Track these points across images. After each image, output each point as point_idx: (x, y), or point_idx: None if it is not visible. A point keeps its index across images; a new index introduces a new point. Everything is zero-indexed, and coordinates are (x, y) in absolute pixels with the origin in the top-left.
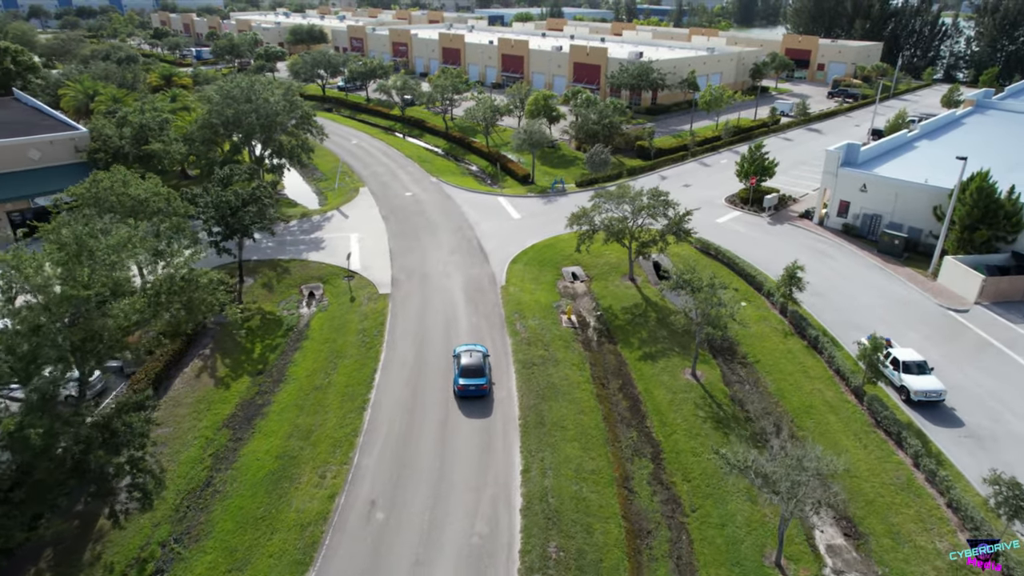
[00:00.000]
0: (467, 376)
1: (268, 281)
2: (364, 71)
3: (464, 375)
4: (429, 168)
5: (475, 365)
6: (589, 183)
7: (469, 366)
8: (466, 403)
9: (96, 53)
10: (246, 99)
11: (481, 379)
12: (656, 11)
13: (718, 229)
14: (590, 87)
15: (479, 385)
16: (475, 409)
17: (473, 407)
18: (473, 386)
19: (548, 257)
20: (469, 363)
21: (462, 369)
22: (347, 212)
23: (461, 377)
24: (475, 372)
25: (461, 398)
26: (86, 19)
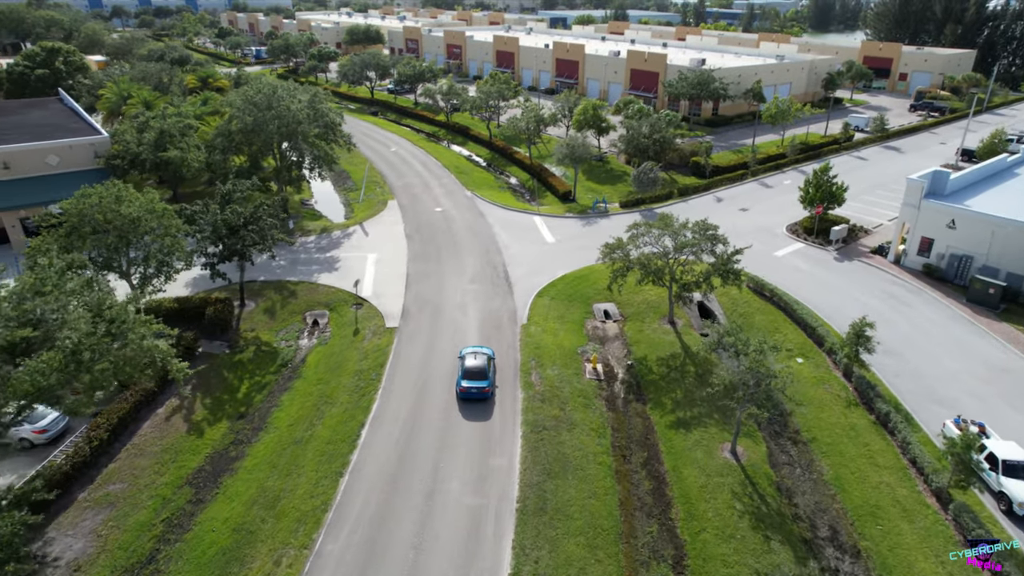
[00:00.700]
0: (470, 378)
1: (271, 306)
2: (412, 74)
3: (467, 377)
4: (465, 180)
5: (478, 368)
6: (635, 203)
7: (472, 368)
8: (461, 455)
9: (152, 53)
10: (267, 106)
11: (483, 382)
12: (725, 15)
13: (776, 264)
14: (647, 95)
15: (481, 388)
16: (468, 483)
17: (468, 480)
18: (475, 389)
19: (579, 290)
20: (472, 365)
21: (465, 371)
22: (370, 228)
23: (464, 379)
24: (478, 375)
25: (463, 400)
26: (162, 18)
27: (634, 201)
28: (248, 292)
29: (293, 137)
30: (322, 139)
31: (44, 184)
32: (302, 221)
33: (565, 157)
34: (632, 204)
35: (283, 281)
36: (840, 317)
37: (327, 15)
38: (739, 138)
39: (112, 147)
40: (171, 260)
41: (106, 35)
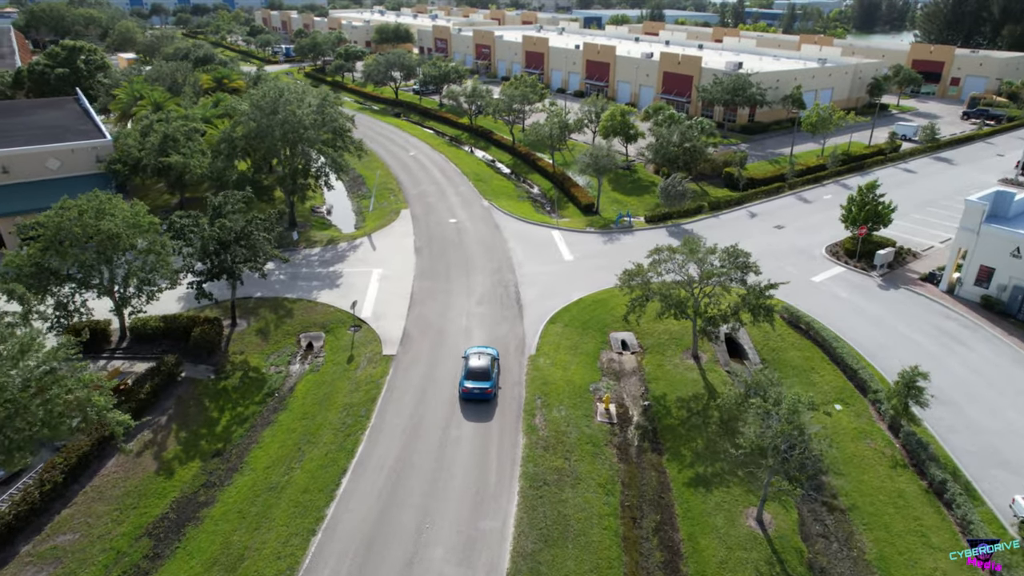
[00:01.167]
0: (472, 379)
1: (265, 326)
2: (437, 75)
3: (469, 378)
4: (484, 189)
5: (481, 368)
6: (661, 218)
7: (475, 369)
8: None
9: (178, 51)
10: (272, 111)
11: (486, 383)
12: (765, 15)
13: (813, 291)
14: (680, 100)
15: (483, 389)
16: (454, 550)
17: (453, 546)
18: (478, 389)
19: (596, 317)
20: (476, 366)
21: (468, 371)
22: (378, 240)
23: (466, 380)
24: (481, 375)
25: (465, 400)
26: (199, 16)
27: (661, 216)
28: (242, 310)
29: (299, 144)
30: (330, 145)
31: (43, 189)
32: (309, 231)
33: (588, 167)
34: (659, 219)
35: (280, 298)
36: (885, 356)
37: (359, 13)
38: (776, 147)
39: (111, 153)
40: (153, 279)
41: (139, 33)
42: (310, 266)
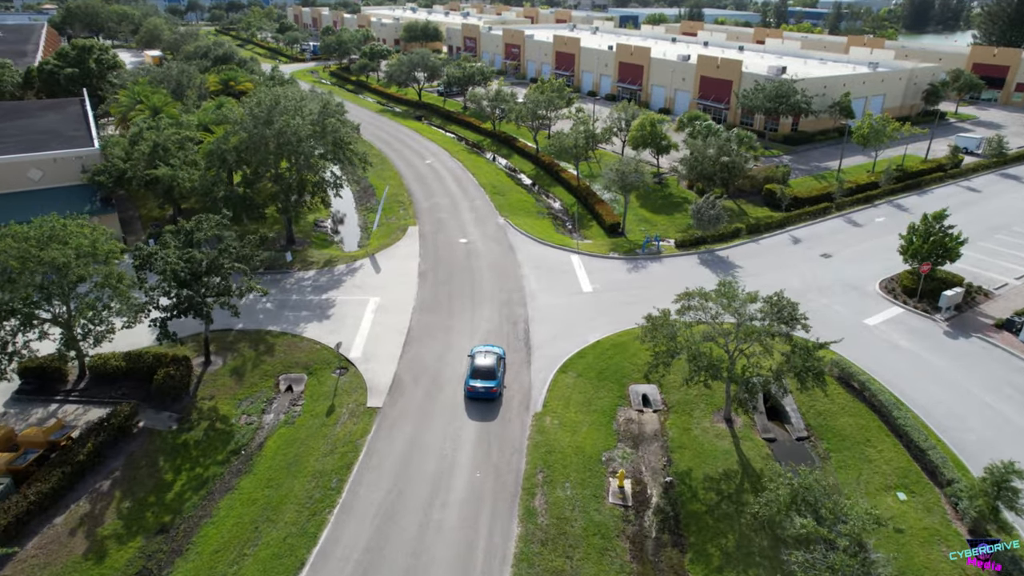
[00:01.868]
0: (477, 378)
1: (242, 365)
2: (462, 76)
3: (475, 376)
4: (501, 203)
5: (487, 367)
6: (694, 243)
7: (481, 367)
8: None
9: (198, 49)
10: (266, 120)
11: (492, 382)
12: (809, 14)
13: (867, 338)
14: (718, 106)
15: (489, 388)
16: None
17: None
18: (483, 388)
19: (614, 364)
20: (482, 364)
21: (473, 370)
22: (381, 261)
23: (472, 379)
24: (487, 374)
25: (470, 399)
26: (233, 12)
27: (693, 240)
28: (219, 344)
29: (294, 157)
30: (326, 159)
31: (22, 201)
32: (307, 249)
33: (613, 183)
34: (691, 244)
35: (263, 331)
36: (959, 429)
37: (391, 10)
38: (822, 160)
39: (95, 164)
40: (105, 316)
41: (166, 30)
42: (301, 292)
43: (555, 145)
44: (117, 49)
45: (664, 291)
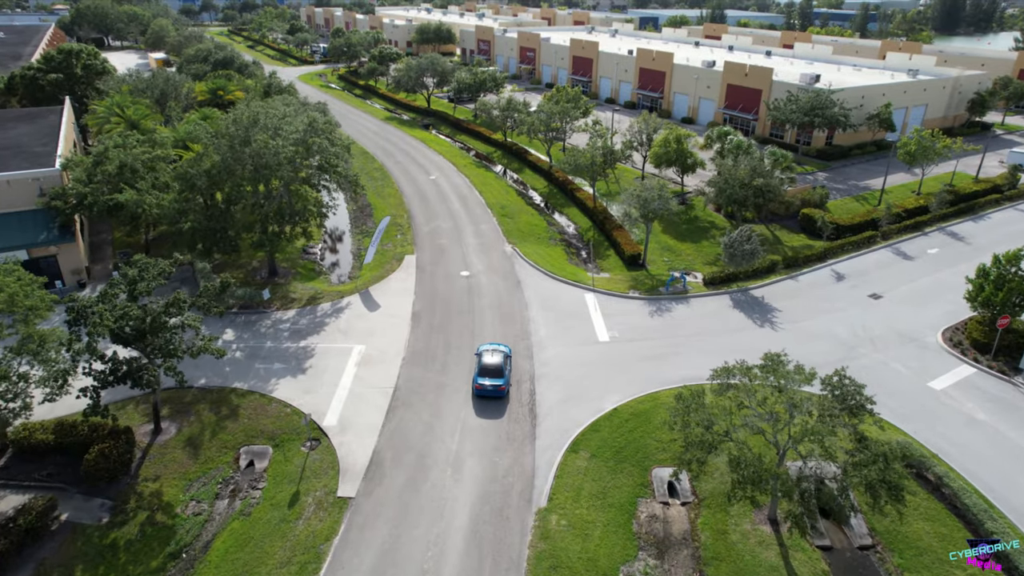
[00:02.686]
0: (485, 375)
1: (198, 433)
2: (472, 83)
3: (483, 374)
4: (509, 227)
5: (495, 365)
6: (724, 280)
7: (488, 366)
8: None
9: (199, 53)
10: (243, 140)
11: (500, 380)
12: (836, 16)
13: (934, 407)
14: (746, 116)
15: (497, 386)
16: None
17: None
18: (491, 386)
19: (634, 441)
20: (489, 363)
21: (481, 368)
22: (371, 299)
23: (480, 376)
24: (495, 372)
25: (479, 397)
26: (247, 13)
27: (724, 277)
28: (174, 406)
29: (272, 182)
30: (310, 184)
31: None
32: (290, 283)
33: (634, 210)
34: (721, 281)
35: (228, 389)
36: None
37: (406, 11)
38: (861, 177)
39: (53, 187)
40: (22, 389)
41: (171, 32)
42: (277, 337)
43: (570, 162)
44: (126, 51)
45: (692, 342)
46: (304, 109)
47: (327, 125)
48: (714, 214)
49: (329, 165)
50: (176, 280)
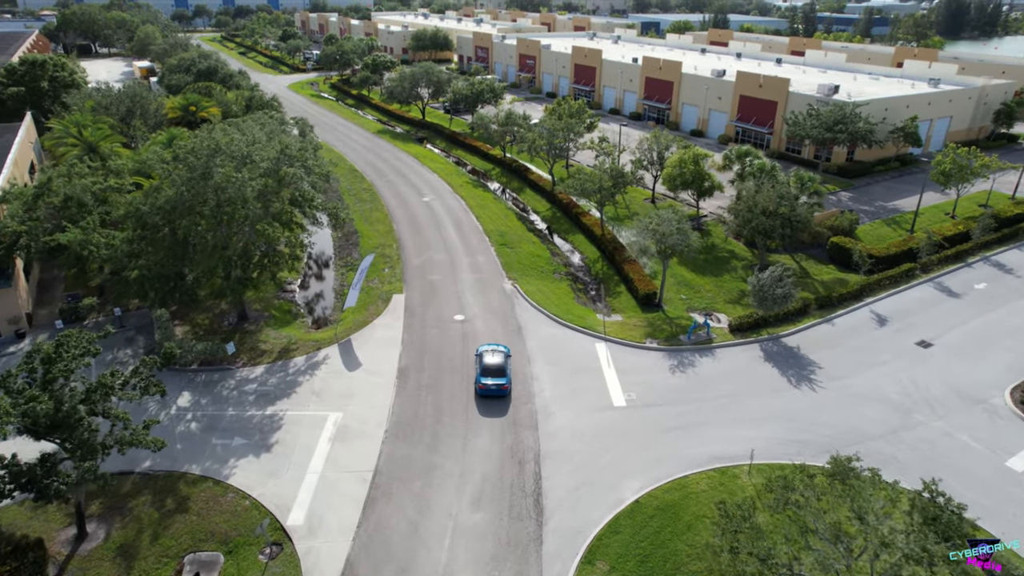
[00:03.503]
0: (488, 375)
1: (134, 538)
2: (469, 93)
3: (485, 374)
4: (509, 259)
5: (497, 365)
6: (753, 326)
7: (491, 366)
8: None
9: (182, 62)
10: (203, 174)
11: (503, 379)
12: (839, 21)
13: (1011, 489)
14: (759, 130)
15: (500, 385)
16: None
17: None
18: (495, 386)
19: (662, 546)
20: (491, 363)
21: (483, 368)
22: (352, 350)
23: (483, 376)
24: (497, 372)
25: (482, 397)
26: (241, 18)
27: (752, 323)
28: (107, 501)
29: (237, 221)
30: (280, 221)
31: None
32: (262, 330)
33: (647, 247)
34: (750, 327)
35: (176, 474)
36: None
37: (403, 16)
38: (887, 196)
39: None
40: None
41: (158, 39)
42: (241, 403)
43: (575, 186)
44: (113, 58)
45: (722, 407)
46: (284, 128)
47: (302, 152)
48: (734, 242)
49: (303, 199)
50: (131, 328)
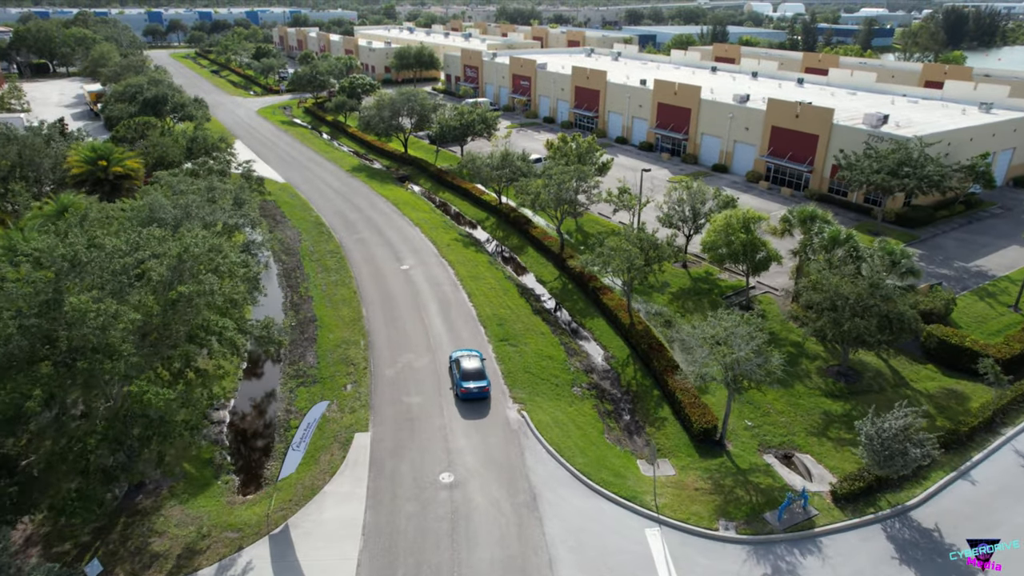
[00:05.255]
0: (468, 379)
1: None
2: (458, 126)
3: (465, 378)
4: (513, 364)
5: (476, 369)
6: (866, 491)
7: (469, 370)
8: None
9: (129, 89)
10: (51, 300)
11: (483, 381)
12: (839, 32)
13: None
14: (797, 167)
15: (482, 387)
16: None
17: None
18: (476, 388)
19: None
20: (470, 367)
21: (463, 373)
22: (285, 553)
23: (463, 381)
24: (477, 375)
25: (464, 401)
26: (219, 33)
27: (865, 487)
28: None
29: (98, 381)
30: (175, 371)
31: None
32: (162, 505)
33: (711, 372)
34: (859, 493)
35: None
36: None
37: (387, 30)
38: (963, 253)
39: None
40: None
41: (115, 59)
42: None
43: (598, 263)
44: (71, 78)
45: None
46: (212, 196)
47: (212, 254)
48: (794, 328)
49: (206, 333)
50: None
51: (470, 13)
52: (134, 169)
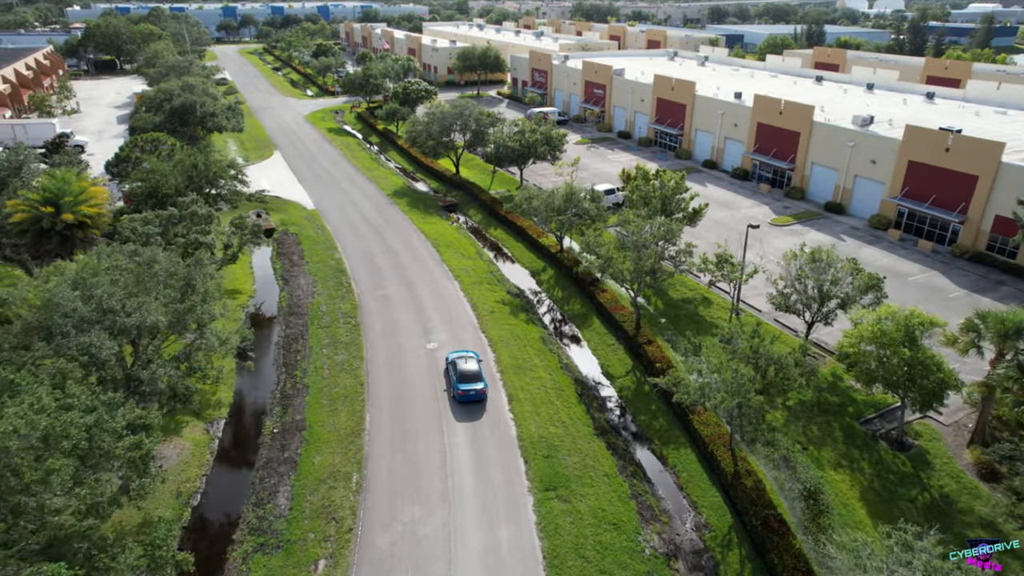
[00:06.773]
0: (466, 381)
1: None
2: (519, 148)
3: (463, 380)
4: (552, 524)
5: (473, 371)
6: None
7: (467, 372)
8: None
9: (160, 94)
10: None
11: (480, 383)
12: (953, 31)
13: None
14: (944, 215)
15: (479, 389)
16: None
17: None
18: (473, 391)
19: None
20: (467, 369)
21: (460, 375)
22: None
23: (460, 383)
24: (474, 377)
25: (461, 403)
26: (284, 28)
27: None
28: None
29: None
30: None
31: None
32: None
33: None
34: None
35: None
36: None
37: (456, 27)
38: None
39: None
40: None
41: (168, 57)
42: None
43: (696, 396)
44: (134, 76)
45: None
46: (172, 273)
47: (100, 426)
48: (983, 490)
49: None
50: None
51: (544, 9)
52: (91, 216)
